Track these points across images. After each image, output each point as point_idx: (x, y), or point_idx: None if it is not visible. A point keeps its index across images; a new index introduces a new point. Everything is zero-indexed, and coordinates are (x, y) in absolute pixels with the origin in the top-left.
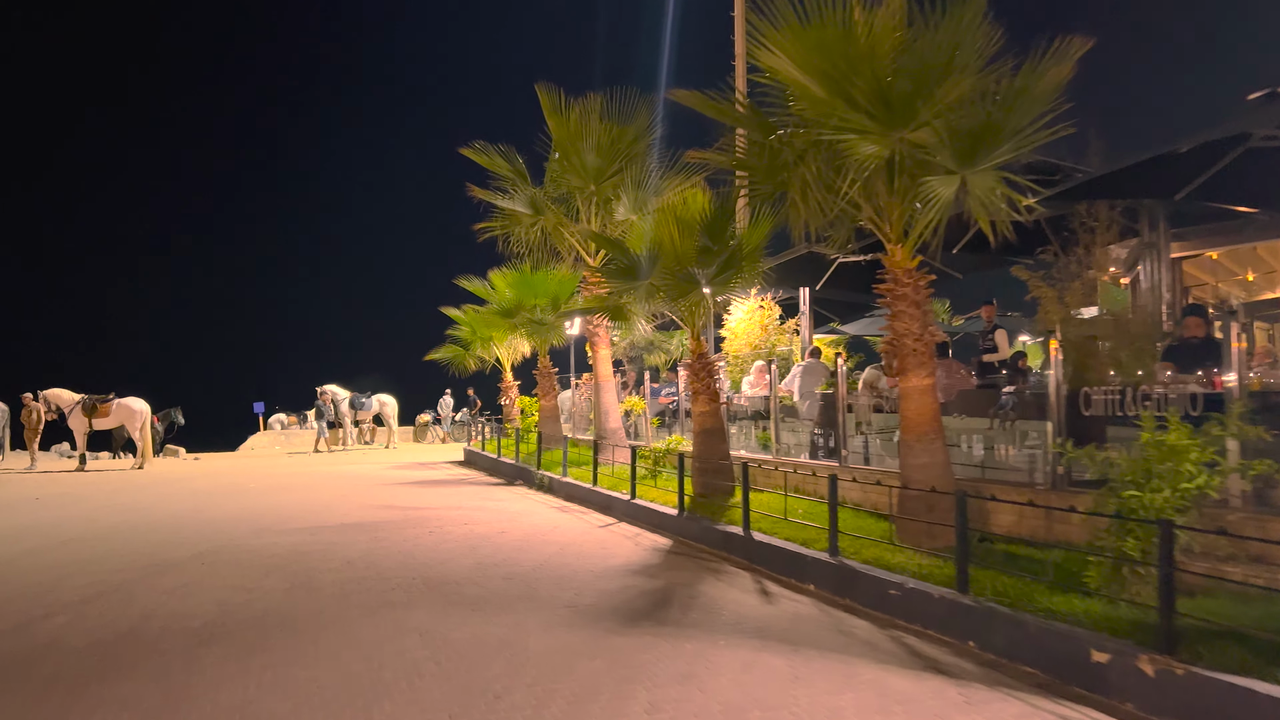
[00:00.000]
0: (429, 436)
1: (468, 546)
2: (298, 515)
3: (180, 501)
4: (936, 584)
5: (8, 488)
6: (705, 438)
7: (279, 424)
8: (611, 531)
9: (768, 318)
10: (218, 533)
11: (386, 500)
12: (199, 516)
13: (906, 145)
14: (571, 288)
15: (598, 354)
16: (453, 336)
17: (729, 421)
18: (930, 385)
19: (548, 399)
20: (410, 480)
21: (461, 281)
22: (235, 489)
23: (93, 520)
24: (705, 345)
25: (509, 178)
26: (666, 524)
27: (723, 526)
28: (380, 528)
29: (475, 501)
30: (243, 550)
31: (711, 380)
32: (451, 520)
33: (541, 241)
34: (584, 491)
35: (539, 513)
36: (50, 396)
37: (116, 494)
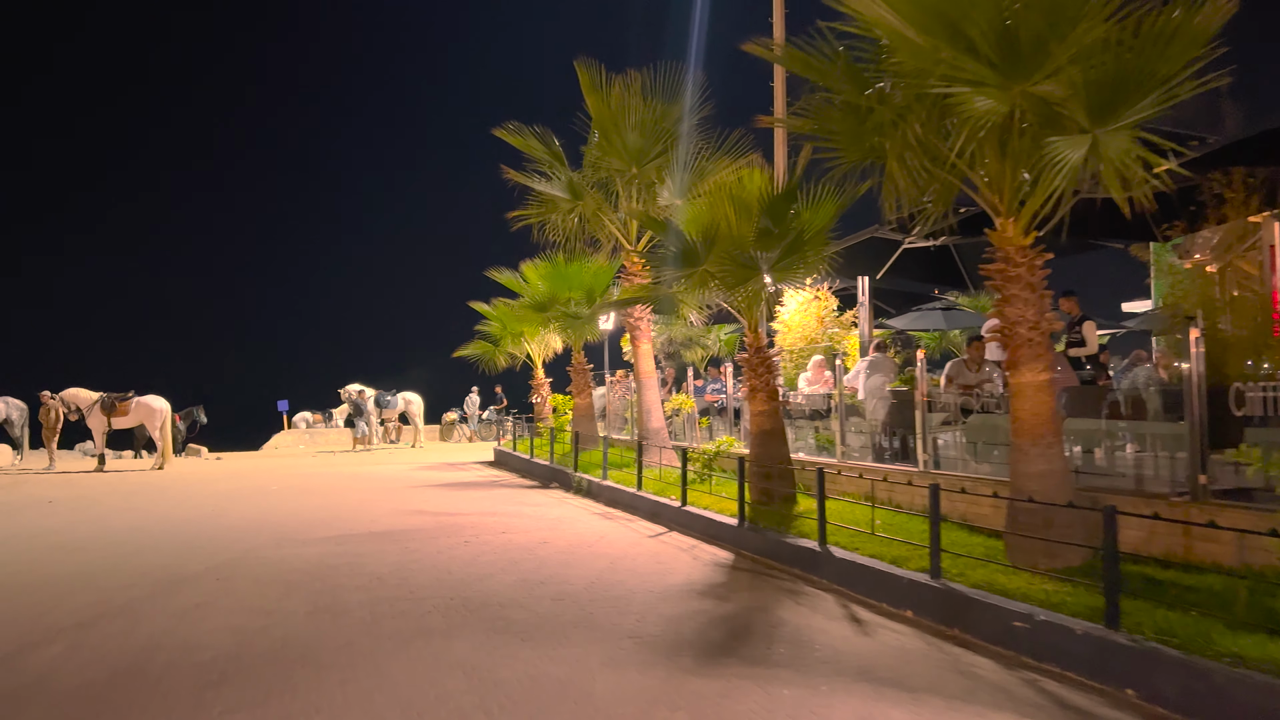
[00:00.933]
0: (455, 435)
1: (508, 559)
2: (322, 521)
3: (199, 505)
4: (1075, 616)
5: (23, 489)
6: (763, 439)
7: (304, 422)
8: (664, 543)
9: (824, 309)
10: (236, 542)
11: (416, 505)
12: (217, 523)
13: (1029, 99)
14: (607, 280)
15: (639, 349)
16: (482, 332)
17: None
18: (1047, 381)
19: (583, 397)
20: (439, 482)
21: (492, 273)
22: (257, 491)
23: (105, 526)
24: (764, 338)
25: (545, 160)
26: (724, 535)
27: (793, 540)
28: (411, 536)
29: (511, 506)
30: (262, 563)
31: (771, 377)
32: (487, 528)
33: (578, 230)
34: (628, 497)
35: (581, 520)
36: (68, 396)
37: (133, 496)
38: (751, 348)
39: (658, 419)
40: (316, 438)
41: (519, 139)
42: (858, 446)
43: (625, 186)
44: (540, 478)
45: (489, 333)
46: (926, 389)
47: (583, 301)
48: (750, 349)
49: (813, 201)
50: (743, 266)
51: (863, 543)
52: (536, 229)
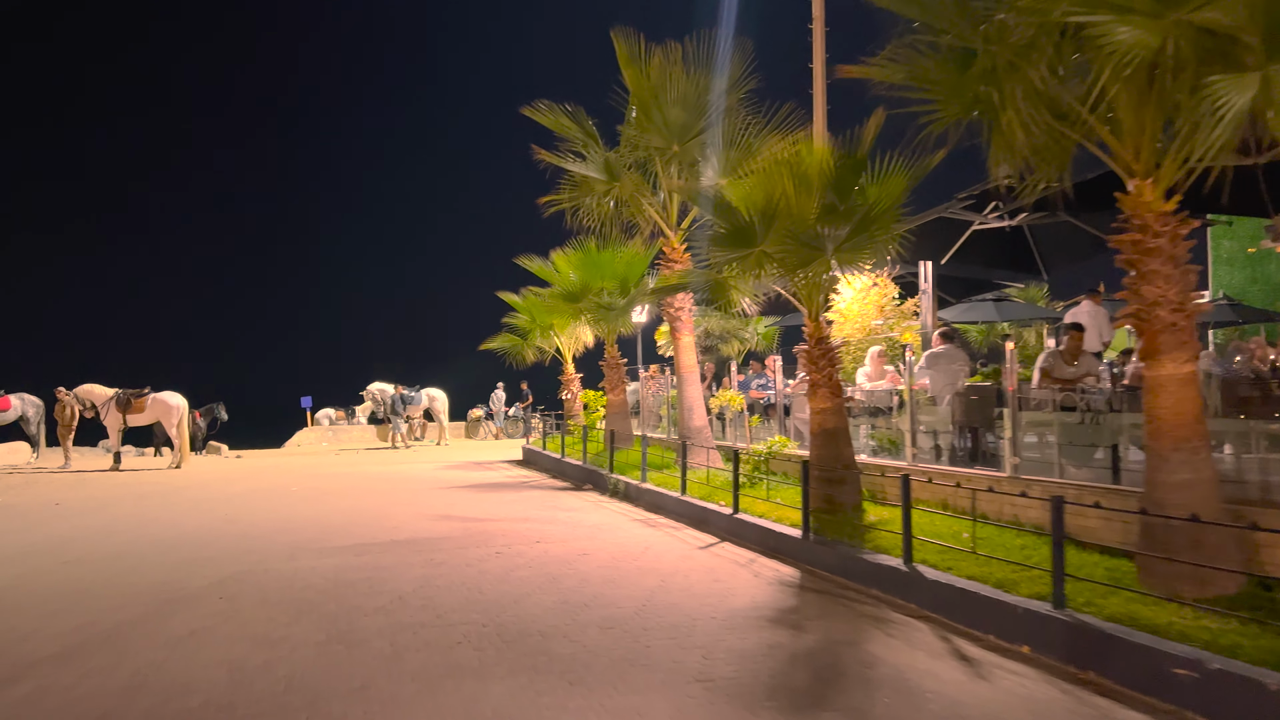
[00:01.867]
0: (481, 432)
1: (546, 575)
2: (341, 528)
3: (212, 509)
4: (1257, 664)
5: (34, 490)
6: (825, 440)
7: (326, 419)
8: (718, 556)
9: (884, 297)
10: (247, 552)
11: (442, 508)
12: (229, 529)
13: (1185, 30)
14: (642, 268)
15: (679, 341)
16: (510, 325)
17: None
18: (1192, 374)
19: (616, 393)
20: (466, 483)
21: (522, 261)
22: (275, 493)
23: (109, 534)
24: (825, 328)
25: (578, 140)
26: (786, 547)
27: (870, 555)
28: (437, 546)
29: (544, 511)
30: (273, 578)
31: (833, 370)
32: (520, 536)
33: (613, 215)
34: (671, 502)
35: (621, 527)
36: (83, 393)
37: (144, 499)
38: (812, 338)
39: (700, 417)
40: (340, 435)
41: (550, 118)
42: (927, 447)
43: (665, 166)
44: (573, 479)
45: (517, 325)
46: (1016, 383)
47: (616, 291)
48: (810, 340)
49: (880, 175)
50: (805, 247)
51: (955, 560)
52: (569, 214)
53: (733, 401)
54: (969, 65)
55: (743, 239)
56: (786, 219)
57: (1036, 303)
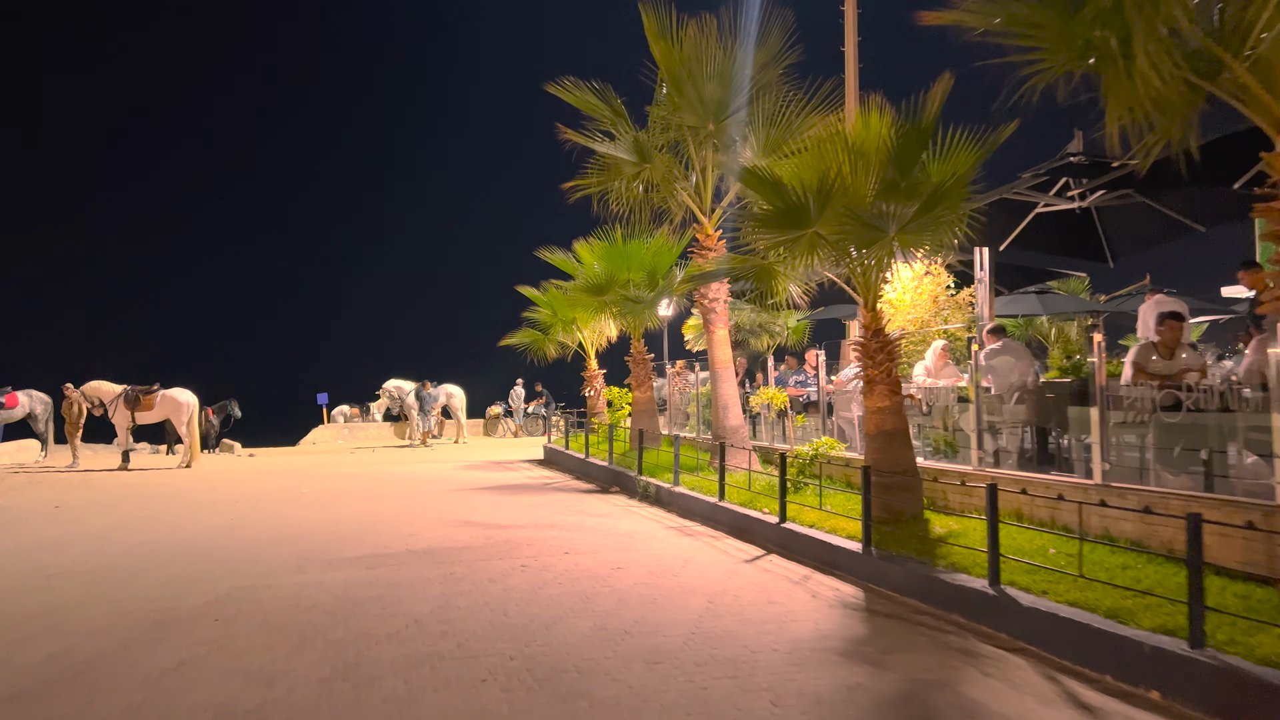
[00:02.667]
0: (500, 430)
1: (578, 594)
2: (354, 535)
3: (217, 513)
4: None
5: (37, 490)
6: (884, 442)
7: (341, 416)
8: (766, 571)
9: (937, 287)
10: (250, 563)
11: (461, 513)
12: (234, 537)
13: None
14: (670, 259)
15: (714, 335)
16: (530, 319)
17: None
18: None
19: (643, 390)
20: (487, 485)
21: (543, 253)
22: (285, 496)
23: (104, 541)
24: (883, 318)
25: (606, 119)
26: (844, 562)
27: (947, 575)
28: (457, 558)
29: (570, 516)
30: (275, 595)
31: (893, 365)
32: (547, 546)
33: (643, 201)
34: (707, 507)
35: (655, 536)
36: (90, 390)
37: (148, 501)
38: (869, 330)
39: (736, 415)
40: (355, 432)
41: (575, 95)
42: (991, 450)
43: (698, 147)
44: (598, 481)
45: (538, 320)
46: (1105, 378)
47: (643, 283)
48: (867, 331)
49: (945, 149)
50: (866, 227)
51: (1049, 582)
52: (596, 200)
53: (775, 399)
54: (1080, 6)
55: (793, 219)
56: (843, 197)
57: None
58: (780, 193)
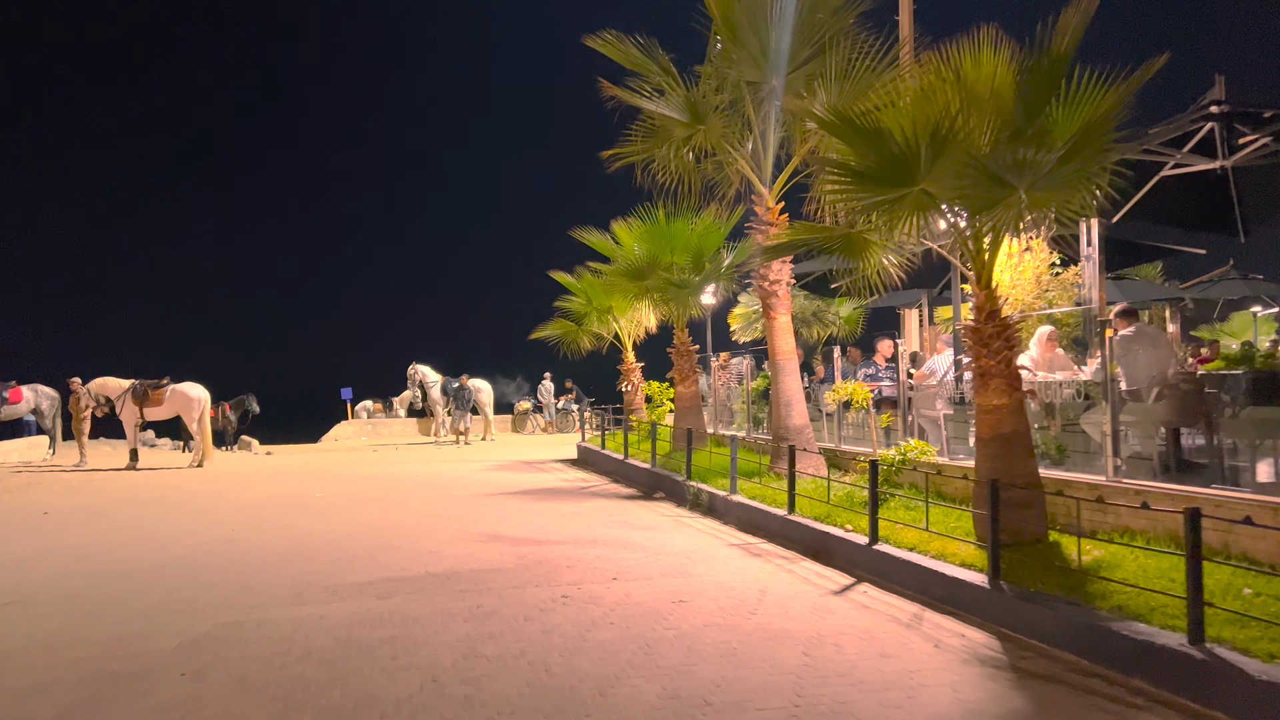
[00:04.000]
0: (529, 427)
1: (636, 639)
2: (366, 554)
3: (218, 522)
4: None
5: (32, 492)
6: (1000, 448)
7: (364, 412)
8: (865, 607)
9: (1040, 264)
10: (241, 590)
11: (490, 524)
12: (229, 554)
13: None
14: (718, 240)
15: (775, 322)
16: (563, 309)
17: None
18: None
19: (687, 384)
20: (517, 489)
21: (579, 234)
22: (296, 501)
23: (79, 559)
24: (1000, 297)
25: (652, 74)
26: (964, 599)
27: (1120, 625)
28: (485, 584)
29: (613, 529)
30: (264, 638)
31: (1011, 355)
32: (591, 569)
33: (692, 171)
34: (774, 522)
35: (717, 556)
36: (96, 387)
37: (148, 506)
38: (982, 312)
39: (800, 414)
40: (379, 428)
41: (618, 49)
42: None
43: (759, 106)
44: (639, 485)
45: (571, 310)
46: None
47: (688, 266)
48: (980, 313)
49: (1072, 95)
50: (990, 181)
51: (1266, 639)
52: (640, 170)
53: (856, 395)
54: None
55: (896, 173)
56: (960, 146)
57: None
58: (879, 142)
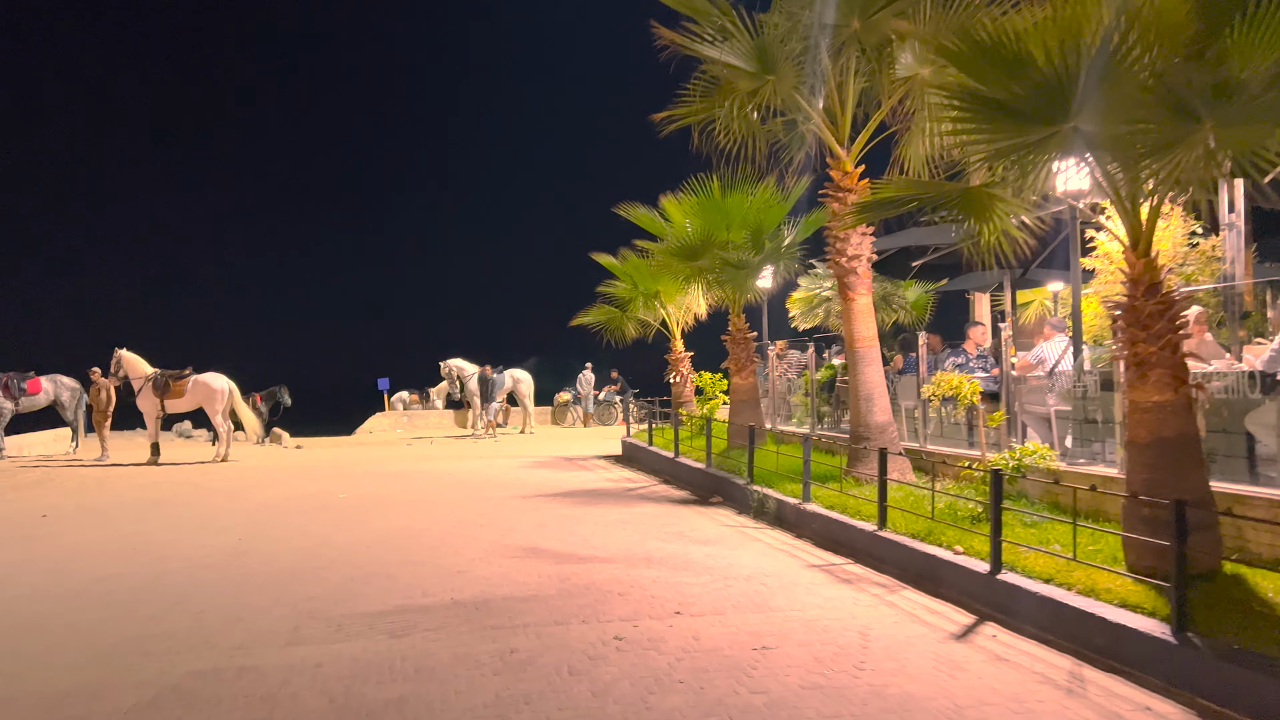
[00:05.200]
0: (569, 419)
1: (714, 710)
2: (383, 571)
3: (227, 529)
4: None
5: (39, 491)
6: (1161, 456)
7: (400, 403)
8: (1001, 660)
9: (1176, 232)
10: (232, 622)
11: (527, 533)
12: (230, 571)
13: None
14: (780, 214)
15: (854, 304)
16: (606, 295)
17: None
18: None
19: (743, 375)
20: (557, 490)
21: (624, 211)
22: (318, 503)
23: (59, 575)
24: (1161, 268)
25: (714, 19)
26: (1136, 654)
27: None
28: (520, 617)
29: (669, 542)
30: (244, 694)
31: (1176, 338)
32: (647, 597)
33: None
34: (861, 537)
35: (798, 582)
36: (126, 361)
37: (155, 509)
38: (1140, 285)
39: (883, 409)
40: (414, 420)
41: None
42: None
43: (836, 55)
44: (693, 487)
45: (614, 295)
46: None
47: (745, 245)
48: (1136, 286)
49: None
50: (1172, 114)
51: None
52: (698, 132)
53: (960, 389)
54: None
55: (1040, 108)
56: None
57: None
58: (1018, 70)
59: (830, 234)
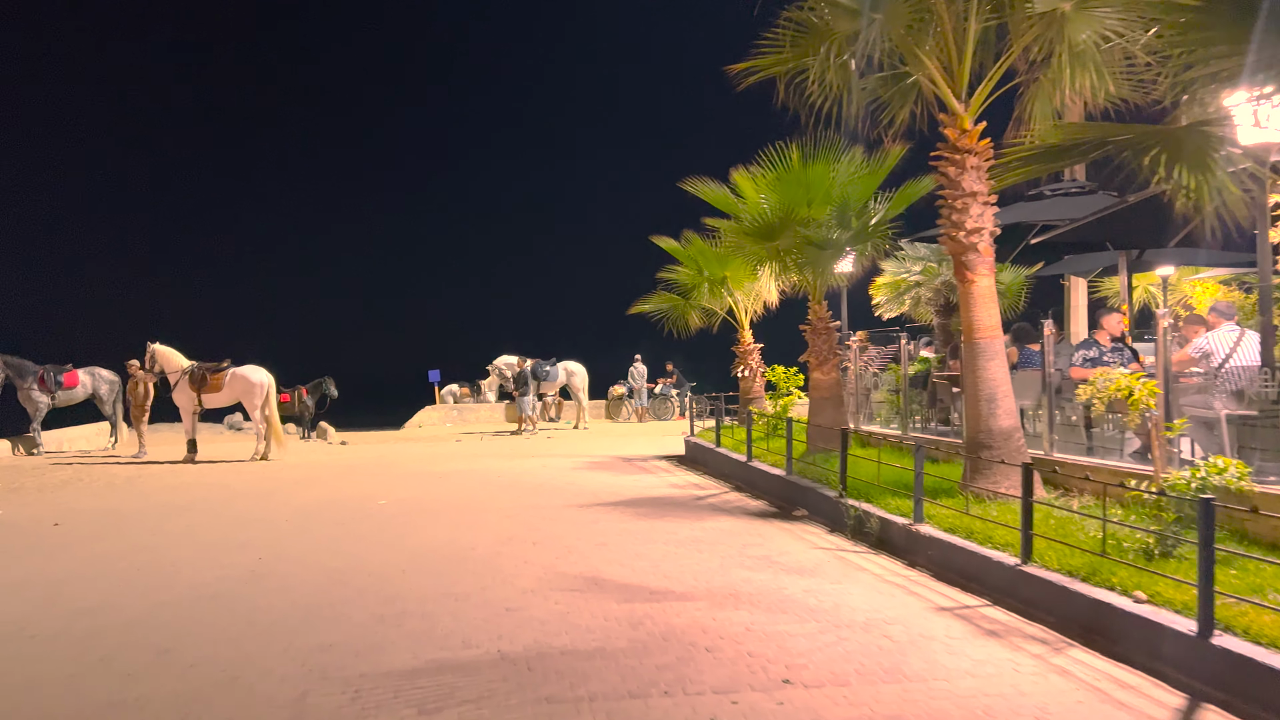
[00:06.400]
0: (624, 413)
1: None
2: (420, 609)
3: (248, 543)
4: None
5: (60, 494)
6: None
7: (450, 396)
8: None
9: None
10: (224, 685)
11: (587, 555)
12: (240, 600)
13: None
14: (870, 187)
15: (973, 287)
16: (667, 281)
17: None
18: None
19: (825, 370)
20: (618, 498)
21: (691, 185)
22: (354, 510)
23: (41, 603)
24: None
25: None
26: None
27: None
28: (583, 687)
29: (756, 570)
30: None
31: None
32: (743, 656)
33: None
34: (1000, 573)
35: (932, 633)
36: (159, 355)
37: (177, 516)
38: None
39: (1009, 412)
40: (465, 414)
41: None
42: None
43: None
44: (770, 496)
45: (676, 281)
46: None
47: (830, 222)
48: None
49: None
50: None
51: None
52: (784, 84)
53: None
54: None
55: None
56: None
57: None
58: None
59: (945, 204)
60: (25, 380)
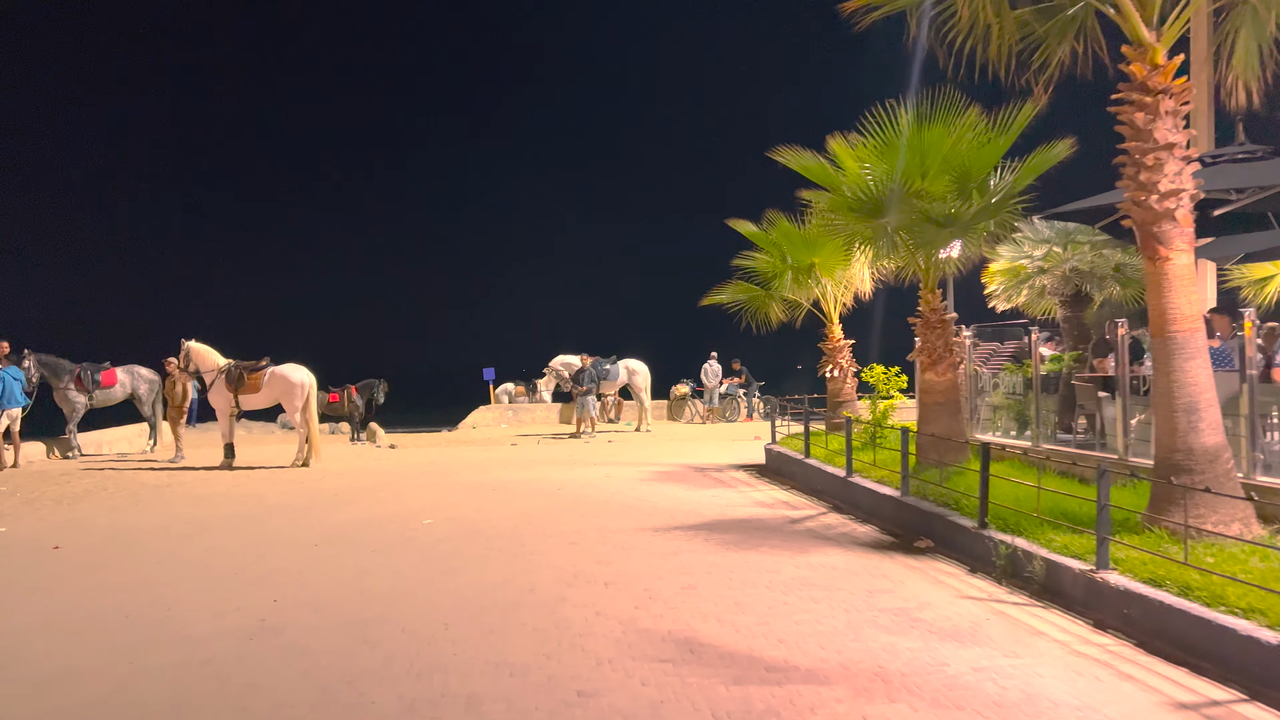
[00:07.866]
0: (687, 414)
1: None
2: (463, 690)
3: (264, 578)
4: None
5: (78, 508)
6: None
7: (506, 396)
8: None
9: None
10: None
11: (674, 605)
12: (233, 673)
13: None
14: (997, 153)
15: (1167, 265)
16: (743, 269)
17: None
18: None
19: (940, 370)
20: (698, 521)
21: (779, 156)
22: (395, 535)
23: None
24: None
25: None
26: None
27: None
28: None
29: (900, 634)
30: None
31: None
32: None
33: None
34: (1247, 650)
35: None
36: (194, 353)
37: (194, 539)
38: None
39: (1213, 425)
40: (520, 414)
41: None
42: None
43: None
44: (881, 521)
45: (754, 270)
46: None
47: (950, 194)
48: None
49: None
50: None
51: None
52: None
53: None
54: None
55: None
56: None
57: None
58: None
59: (1130, 161)
60: (61, 380)
